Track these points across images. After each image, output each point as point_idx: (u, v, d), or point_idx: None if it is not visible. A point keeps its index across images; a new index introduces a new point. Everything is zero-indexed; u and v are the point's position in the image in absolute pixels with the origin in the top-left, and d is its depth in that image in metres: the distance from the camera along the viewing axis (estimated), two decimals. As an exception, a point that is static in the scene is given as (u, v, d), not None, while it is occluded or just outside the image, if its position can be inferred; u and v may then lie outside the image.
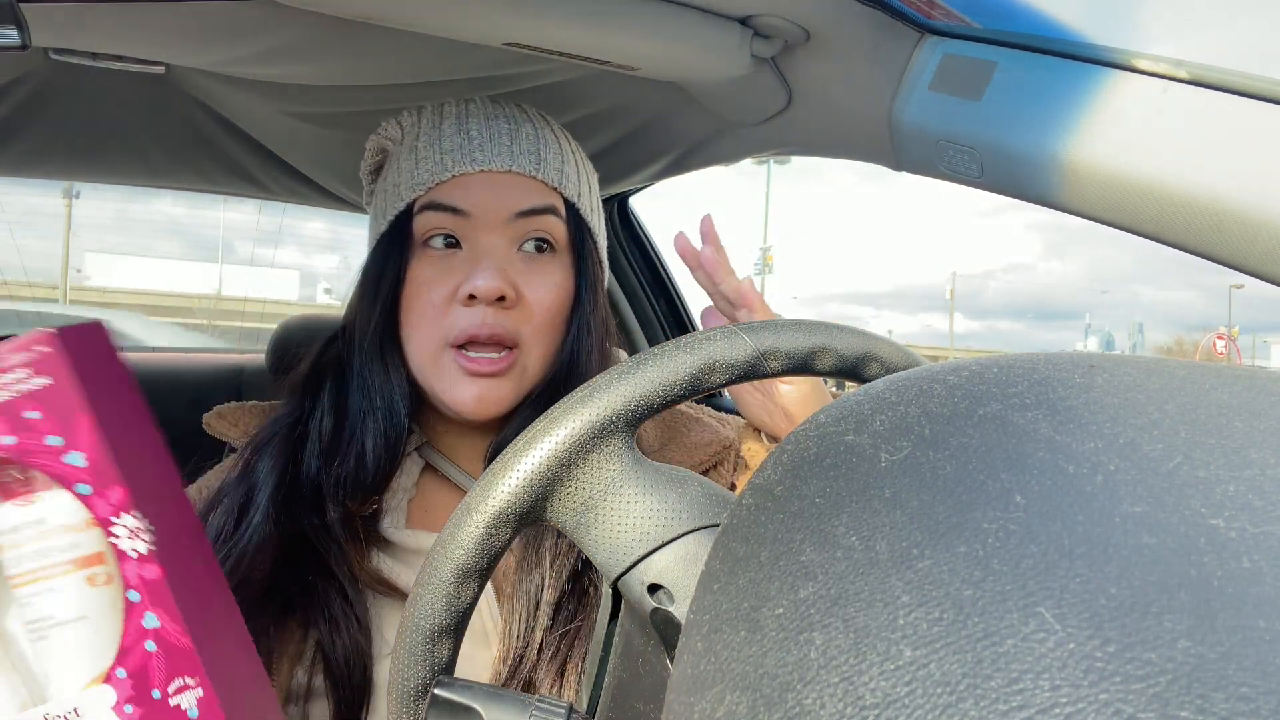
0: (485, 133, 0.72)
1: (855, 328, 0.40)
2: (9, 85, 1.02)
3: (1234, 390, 0.22)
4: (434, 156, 0.71)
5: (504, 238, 0.71)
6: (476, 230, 0.70)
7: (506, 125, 0.74)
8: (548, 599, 0.66)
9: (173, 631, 0.43)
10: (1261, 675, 0.14)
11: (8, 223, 35.95)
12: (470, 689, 0.37)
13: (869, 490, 0.21)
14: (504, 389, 0.70)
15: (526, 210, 0.71)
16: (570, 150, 0.77)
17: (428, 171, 0.71)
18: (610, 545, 0.36)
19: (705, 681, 0.20)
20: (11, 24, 0.55)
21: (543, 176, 0.72)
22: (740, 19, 0.74)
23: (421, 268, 0.71)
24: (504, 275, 0.69)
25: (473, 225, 0.70)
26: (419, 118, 0.76)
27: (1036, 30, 0.63)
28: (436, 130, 0.73)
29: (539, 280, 0.71)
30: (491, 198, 0.70)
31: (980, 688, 0.15)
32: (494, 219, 0.70)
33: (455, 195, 0.70)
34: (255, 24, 0.75)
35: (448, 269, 0.70)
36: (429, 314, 0.69)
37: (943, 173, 0.71)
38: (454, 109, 0.75)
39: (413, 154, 0.73)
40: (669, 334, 1.63)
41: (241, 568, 0.65)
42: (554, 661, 0.64)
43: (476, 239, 0.70)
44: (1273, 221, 0.50)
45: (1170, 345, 61.49)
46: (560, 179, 0.74)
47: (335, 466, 0.70)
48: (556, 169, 0.74)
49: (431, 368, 0.70)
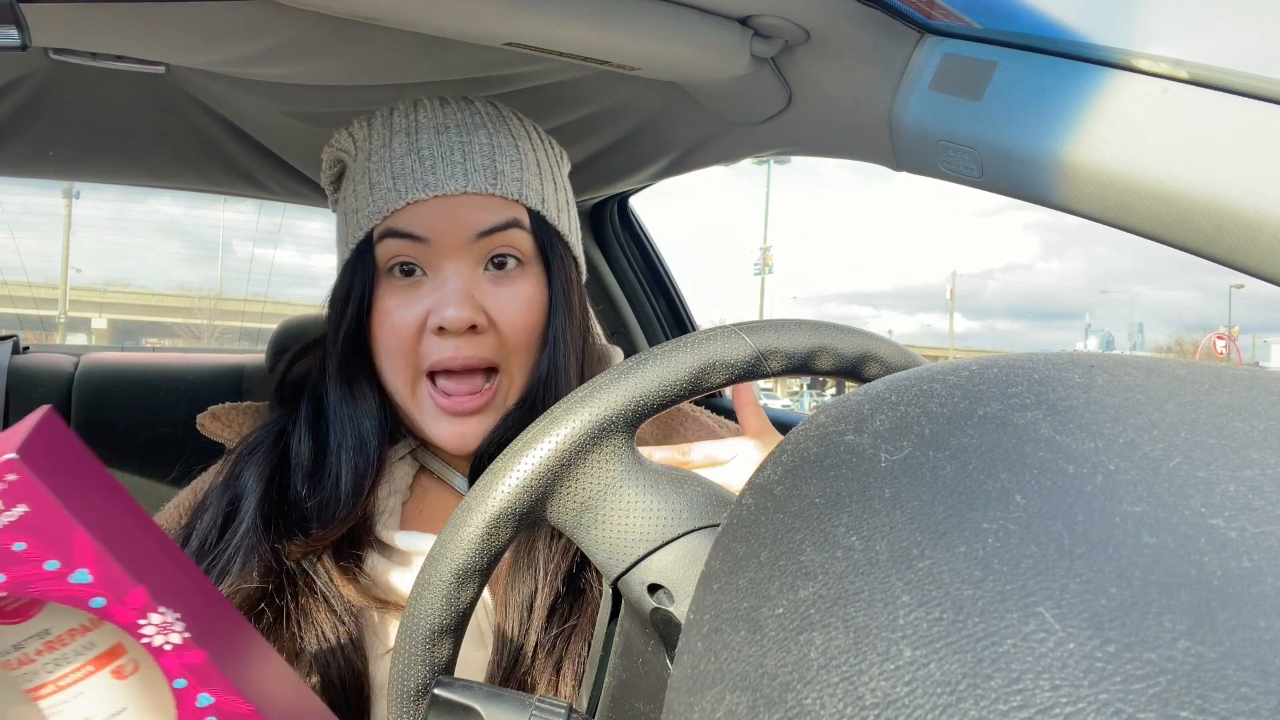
0: (436, 150, 0.69)
1: (855, 328, 0.40)
2: (9, 85, 1.02)
3: (1234, 390, 0.22)
4: (386, 182, 0.69)
5: (467, 260, 0.69)
6: (438, 256, 0.68)
7: (459, 137, 0.70)
8: (542, 601, 0.65)
9: (231, 704, 0.43)
10: (1261, 675, 0.14)
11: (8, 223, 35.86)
12: (470, 689, 0.37)
13: (869, 490, 0.21)
14: (485, 423, 0.69)
15: (487, 230, 0.69)
16: (531, 147, 0.74)
17: (382, 199, 0.69)
18: (610, 545, 0.36)
19: (705, 681, 0.20)
20: (11, 24, 0.55)
21: (500, 191, 0.69)
22: (740, 19, 0.74)
23: (387, 296, 0.69)
24: (471, 302, 0.67)
25: (434, 251, 0.68)
26: (369, 129, 0.74)
27: (1036, 30, 0.63)
28: (386, 149, 0.71)
29: (508, 300, 0.69)
30: (449, 222, 0.68)
31: (980, 688, 0.15)
32: (454, 243, 0.68)
33: (412, 222, 0.68)
34: (255, 24, 0.75)
35: (414, 297, 0.68)
36: (401, 347, 0.68)
37: (943, 173, 0.71)
38: (403, 119, 0.72)
39: (366, 176, 0.71)
40: (669, 334, 1.63)
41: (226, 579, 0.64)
42: (549, 661, 0.64)
43: (439, 265, 0.68)
44: (1273, 221, 0.50)
45: (1170, 345, 61.51)
46: (520, 189, 0.71)
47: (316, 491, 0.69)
48: (515, 179, 0.71)
49: (410, 400, 0.70)
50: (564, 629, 0.65)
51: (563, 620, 0.65)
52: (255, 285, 36.37)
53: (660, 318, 1.63)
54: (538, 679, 0.64)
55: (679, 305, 1.64)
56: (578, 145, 1.12)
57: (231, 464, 0.72)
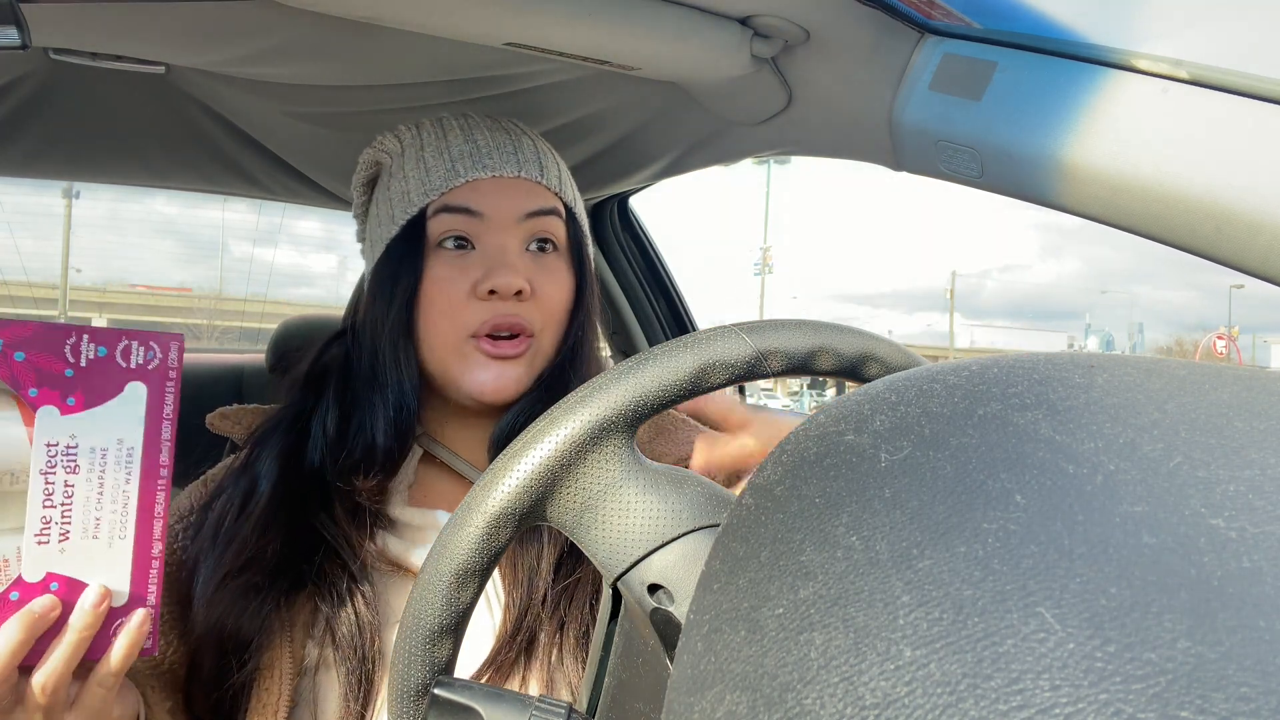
0: (491, 142, 0.78)
1: (855, 328, 0.40)
2: (9, 85, 1.02)
3: (1234, 390, 0.22)
4: (445, 164, 0.76)
5: (514, 237, 0.75)
6: (489, 230, 0.75)
7: (508, 137, 0.79)
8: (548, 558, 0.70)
9: (15, 330, 0.50)
10: (1261, 675, 0.14)
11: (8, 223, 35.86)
12: (470, 689, 0.37)
13: (869, 490, 0.21)
14: (519, 370, 0.74)
15: (535, 211, 0.76)
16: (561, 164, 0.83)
17: (440, 177, 0.76)
18: (610, 545, 0.36)
19: (705, 681, 0.20)
20: (11, 24, 0.55)
21: (546, 182, 0.78)
22: (740, 19, 0.74)
23: (438, 267, 0.74)
24: (520, 272, 0.73)
25: (486, 226, 0.75)
26: (419, 132, 0.80)
27: (1036, 30, 0.63)
28: (442, 141, 0.78)
29: (548, 277, 0.76)
30: (503, 199, 0.75)
31: (980, 688, 0.15)
32: (506, 219, 0.75)
33: (469, 198, 0.75)
34: (255, 24, 0.75)
35: (464, 267, 0.74)
36: (449, 310, 0.73)
37: (943, 173, 0.71)
38: (456, 122, 0.80)
39: (420, 163, 0.77)
40: (669, 334, 1.63)
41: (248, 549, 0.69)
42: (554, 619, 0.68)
43: (489, 239, 0.75)
44: (1273, 221, 0.50)
45: (1170, 345, 61.51)
46: (559, 186, 0.80)
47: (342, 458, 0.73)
48: (556, 176, 0.80)
49: (454, 356, 0.74)
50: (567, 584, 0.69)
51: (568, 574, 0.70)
52: (255, 285, 36.39)
53: (660, 318, 1.63)
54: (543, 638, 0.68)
55: (679, 305, 1.64)
56: (578, 145, 1.12)
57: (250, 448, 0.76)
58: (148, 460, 0.53)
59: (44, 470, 0.50)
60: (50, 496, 0.50)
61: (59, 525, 0.50)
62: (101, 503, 0.51)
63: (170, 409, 0.53)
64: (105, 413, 0.51)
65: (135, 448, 0.52)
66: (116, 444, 0.52)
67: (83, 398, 0.51)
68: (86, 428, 0.51)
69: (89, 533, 0.51)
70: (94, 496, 0.51)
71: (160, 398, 0.53)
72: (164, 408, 0.53)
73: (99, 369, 0.51)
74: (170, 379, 0.53)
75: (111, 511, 0.52)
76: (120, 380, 0.52)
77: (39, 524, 0.50)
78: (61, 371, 0.50)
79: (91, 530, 0.51)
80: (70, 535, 0.51)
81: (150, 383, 0.53)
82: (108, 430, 0.51)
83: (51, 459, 0.50)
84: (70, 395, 0.50)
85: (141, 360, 0.52)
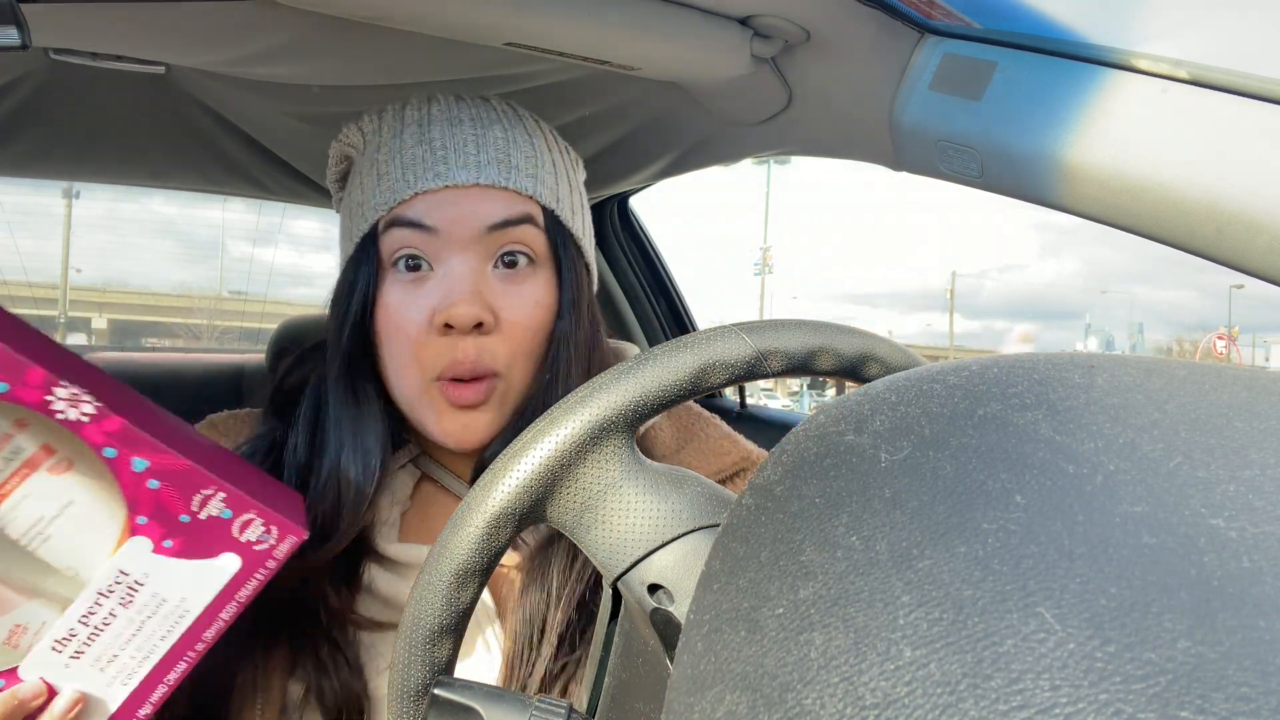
0: (448, 141, 0.67)
1: (855, 328, 0.40)
2: (9, 85, 1.02)
3: (1234, 390, 0.22)
4: (395, 172, 0.66)
5: (476, 255, 0.65)
6: (446, 248, 0.65)
7: (472, 129, 0.68)
8: (554, 624, 0.63)
9: (165, 460, 0.45)
10: (1261, 675, 0.14)
11: (8, 223, 35.82)
12: (470, 689, 0.37)
13: (869, 490, 0.21)
14: (486, 417, 0.66)
15: (498, 223, 0.65)
16: (547, 147, 0.72)
17: (389, 189, 0.66)
18: (610, 545, 0.36)
19: (705, 681, 0.20)
20: (11, 24, 0.55)
21: (514, 185, 0.67)
22: (740, 19, 0.74)
23: (392, 292, 0.66)
24: (479, 300, 0.64)
25: (441, 243, 0.65)
26: (379, 123, 0.71)
27: (1036, 30, 0.63)
28: (397, 140, 0.68)
29: (517, 300, 0.66)
30: (459, 212, 0.65)
31: (980, 688, 0.15)
32: (463, 235, 0.65)
33: (421, 211, 0.65)
34: (255, 24, 0.75)
35: (419, 293, 0.65)
36: (408, 348, 0.65)
37: (943, 173, 0.71)
38: (415, 112, 0.70)
39: (374, 169, 0.68)
40: (669, 334, 1.63)
41: None
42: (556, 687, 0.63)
43: (447, 258, 0.65)
44: (1273, 221, 0.50)
45: (1170, 345, 61.51)
46: (534, 185, 0.68)
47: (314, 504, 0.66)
48: (529, 174, 0.68)
49: (418, 401, 0.67)
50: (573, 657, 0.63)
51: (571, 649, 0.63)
52: (255, 285, 36.41)
53: (660, 318, 1.63)
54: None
55: (679, 305, 1.64)
56: (577, 146, 1.12)
57: None
58: (194, 629, 0.49)
59: (101, 591, 0.47)
60: (90, 616, 0.47)
61: (78, 643, 0.48)
62: (127, 644, 0.48)
63: (246, 593, 0.50)
64: (189, 568, 0.48)
65: (192, 613, 0.49)
66: (179, 601, 0.49)
67: (180, 546, 0.48)
68: (163, 573, 0.48)
69: (99, 663, 0.49)
70: (125, 635, 0.48)
71: (245, 579, 0.50)
72: (242, 589, 0.50)
73: (212, 527, 0.48)
74: (266, 567, 0.50)
75: (130, 657, 0.49)
76: (222, 545, 0.49)
77: (64, 633, 0.47)
78: (177, 515, 0.47)
79: (103, 663, 0.49)
80: (82, 656, 0.48)
81: (246, 561, 0.49)
82: (179, 585, 0.48)
83: (114, 585, 0.47)
84: (170, 538, 0.47)
85: (253, 538, 0.49)
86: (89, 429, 0.44)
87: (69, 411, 0.43)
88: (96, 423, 0.44)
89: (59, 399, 0.43)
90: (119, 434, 0.45)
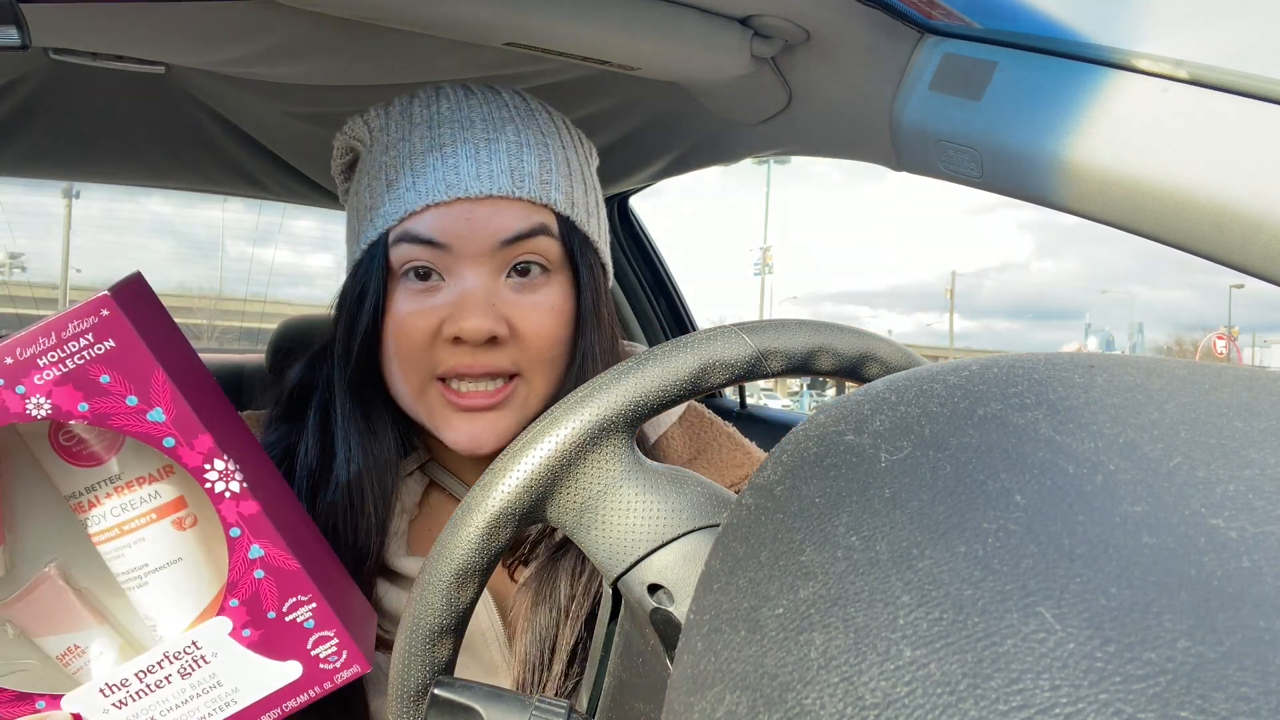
0: (460, 147, 0.64)
1: (855, 328, 0.40)
2: (9, 85, 1.02)
3: (1234, 390, 0.22)
4: (405, 180, 0.64)
5: (488, 267, 0.63)
6: (458, 263, 0.63)
7: (484, 133, 0.65)
8: (564, 641, 0.63)
9: (278, 557, 0.46)
10: (1261, 675, 0.14)
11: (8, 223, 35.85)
12: (470, 689, 0.37)
13: (869, 490, 0.21)
14: (503, 422, 0.64)
15: (511, 238, 0.63)
16: (561, 144, 0.69)
17: (399, 200, 0.64)
18: (610, 545, 0.36)
19: (705, 681, 0.20)
20: (11, 24, 0.55)
21: (527, 195, 0.64)
22: (740, 19, 0.74)
23: (402, 301, 0.64)
24: (492, 312, 0.62)
25: (453, 258, 0.63)
26: (387, 118, 0.69)
27: (1036, 30, 0.63)
28: (406, 142, 0.66)
29: (532, 309, 0.64)
30: (471, 227, 0.63)
31: (980, 688, 0.15)
32: (475, 250, 0.63)
33: (432, 226, 0.63)
34: (255, 24, 0.75)
35: (429, 302, 0.63)
36: (413, 353, 0.64)
37: (943, 173, 0.71)
38: (424, 110, 0.67)
39: (383, 172, 0.66)
40: (669, 334, 1.63)
41: None
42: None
43: (458, 271, 0.63)
44: (1273, 221, 0.50)
45: (1170, 345, 61.51)
46: (548, 192, 0.65)
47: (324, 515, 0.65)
48: (542, 181, 0.65)
49: (419, 402, 0.65)
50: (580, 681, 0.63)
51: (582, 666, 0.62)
52: (254, 285, 36.41)
53: (660, 318, 1.63)
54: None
55: (679, 305, 1.64)
56: (578, 145, 1.12)
57: None
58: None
59: (169, 654, 0.46)
60: (147, 674, 0.46)
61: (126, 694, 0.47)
62: (168, 713, 0.47)
63: (293, 705, 0.48)
64: (255, 663, 0.47)
65: (238, 704, 0.48)
66: (232, 689, 0.47)
67: (256, 639, 0.47)
68: (231, 659, 0.47)
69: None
70: (171, 704, 0.47)
71: (299, 691, 0.48)
72: (291, 700, 0.48)
73: (291, 632, 0.47)
74: (323, 686, 0.49)
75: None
76: (293, 652, 0.47)
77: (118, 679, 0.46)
78: (266, 611, 0.46)
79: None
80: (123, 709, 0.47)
81: (307, 674, 0.48)
82: (239, 675, 0.47)
83: (183, 653, 0.46)
84: (251, 629, 0.46)
85: (322, 655, 0.48)
86: (227, 504, 0.44)
87: (218, 484, 0.44)
88: (236, 501, 0.44)
89: (214, 469, 0.43)
90: (251, 519, 0.45)
